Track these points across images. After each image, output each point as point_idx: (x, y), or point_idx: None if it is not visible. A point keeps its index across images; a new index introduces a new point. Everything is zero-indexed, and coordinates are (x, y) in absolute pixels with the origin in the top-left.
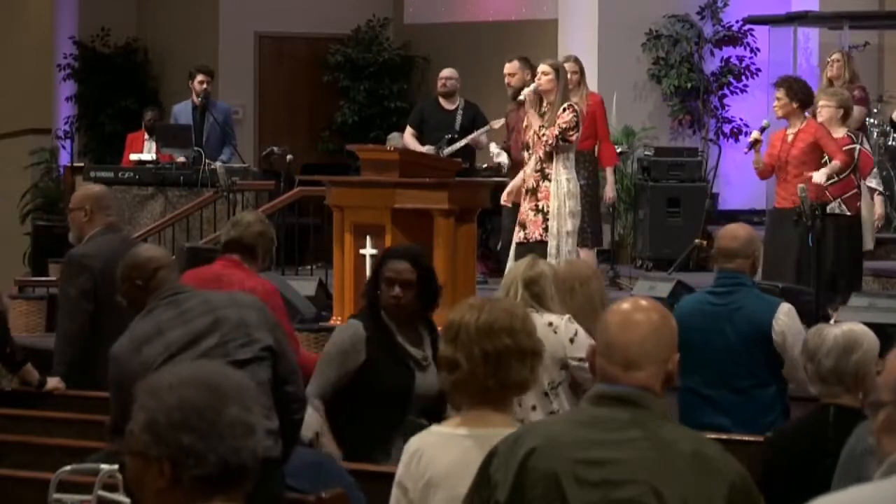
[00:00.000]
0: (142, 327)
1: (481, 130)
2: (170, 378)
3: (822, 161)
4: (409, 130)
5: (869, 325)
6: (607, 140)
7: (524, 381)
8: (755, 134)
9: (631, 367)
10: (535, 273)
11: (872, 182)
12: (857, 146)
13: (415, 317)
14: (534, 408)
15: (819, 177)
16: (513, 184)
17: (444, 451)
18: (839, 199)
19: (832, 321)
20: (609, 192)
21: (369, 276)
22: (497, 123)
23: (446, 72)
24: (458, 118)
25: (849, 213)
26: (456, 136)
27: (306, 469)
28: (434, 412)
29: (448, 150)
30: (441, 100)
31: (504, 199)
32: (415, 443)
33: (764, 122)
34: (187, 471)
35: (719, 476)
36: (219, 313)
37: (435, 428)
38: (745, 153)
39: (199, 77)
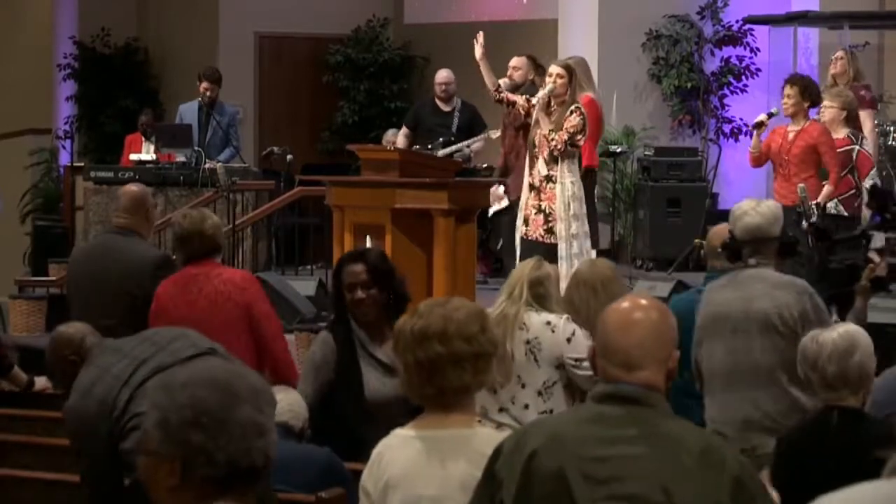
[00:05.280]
0: (84, 377)
1: (479, 138)
2: (183, 376)
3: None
4: (403, 130)
5: (868, 325)
6: (590, 140)
7: (465, 385)
8: (762, 116)
9: (632, 368)
10: (541, 274)
11: (869, 183)
12: (856, 147)
13: (383, 321)
14: (526, 406)
15: (821, 198)
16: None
17: (401, 452)
18: (836, 200)
19: (832, 320)
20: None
21: (332, 288)
22: (495, 133)
23: (444, 76)
24: (455, 120)
25: (846, 214)
26: (452, 139)
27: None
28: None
29: (442, 153)
30: (438, 101)
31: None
32: (379, 446)
33: (773, 109)
34: (197, 470)
35: (724, 470)
36: (154, 339)
37: (398, 430)
38: (750, 129)
39: (204, 84)
